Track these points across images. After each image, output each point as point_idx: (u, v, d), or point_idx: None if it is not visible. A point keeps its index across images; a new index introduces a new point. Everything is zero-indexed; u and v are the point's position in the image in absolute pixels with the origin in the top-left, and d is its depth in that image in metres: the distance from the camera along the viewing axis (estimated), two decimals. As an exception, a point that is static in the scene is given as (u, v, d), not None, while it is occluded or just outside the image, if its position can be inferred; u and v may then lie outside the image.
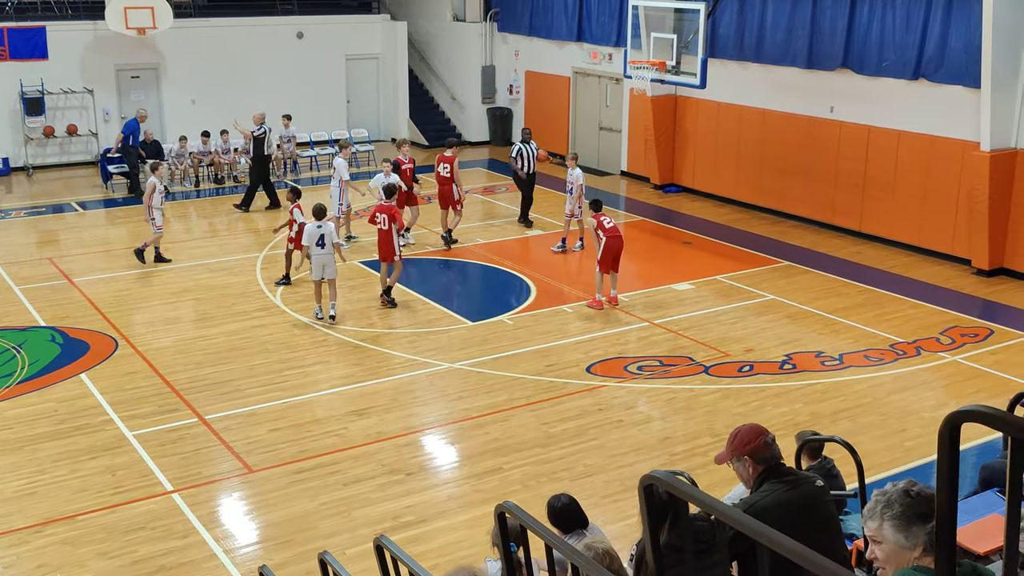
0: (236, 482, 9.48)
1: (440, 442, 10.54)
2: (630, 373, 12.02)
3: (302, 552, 8.24)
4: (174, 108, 23.13)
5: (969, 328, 13.48)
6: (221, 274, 15.61)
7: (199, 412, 10.86)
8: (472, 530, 8.54)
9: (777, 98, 18.86)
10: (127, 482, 9.38)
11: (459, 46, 26.39)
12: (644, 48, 18.04)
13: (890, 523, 2.84)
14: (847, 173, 17.75)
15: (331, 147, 24.08)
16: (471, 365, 12.21)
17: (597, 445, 10.18)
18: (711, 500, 2.40)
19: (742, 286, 15.20)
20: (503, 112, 26.03)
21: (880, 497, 2.89)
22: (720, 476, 9.22)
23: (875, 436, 10.32)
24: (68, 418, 10.69)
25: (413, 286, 14.83)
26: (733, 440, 4.52)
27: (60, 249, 16.99)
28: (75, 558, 8.16)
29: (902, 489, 2.85)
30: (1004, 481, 7.11)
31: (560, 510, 5.85)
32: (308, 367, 12.12)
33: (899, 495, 2.84)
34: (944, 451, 1.88)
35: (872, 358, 12.44)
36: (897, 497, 2.84)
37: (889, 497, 2.87)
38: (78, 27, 22.39)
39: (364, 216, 16.70)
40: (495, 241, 17.57)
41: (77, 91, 22.45)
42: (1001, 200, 15.35)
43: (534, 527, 3.08)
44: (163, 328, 13.35)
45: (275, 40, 24.46)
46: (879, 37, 16.84)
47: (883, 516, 2.86)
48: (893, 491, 2.89)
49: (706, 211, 19.70)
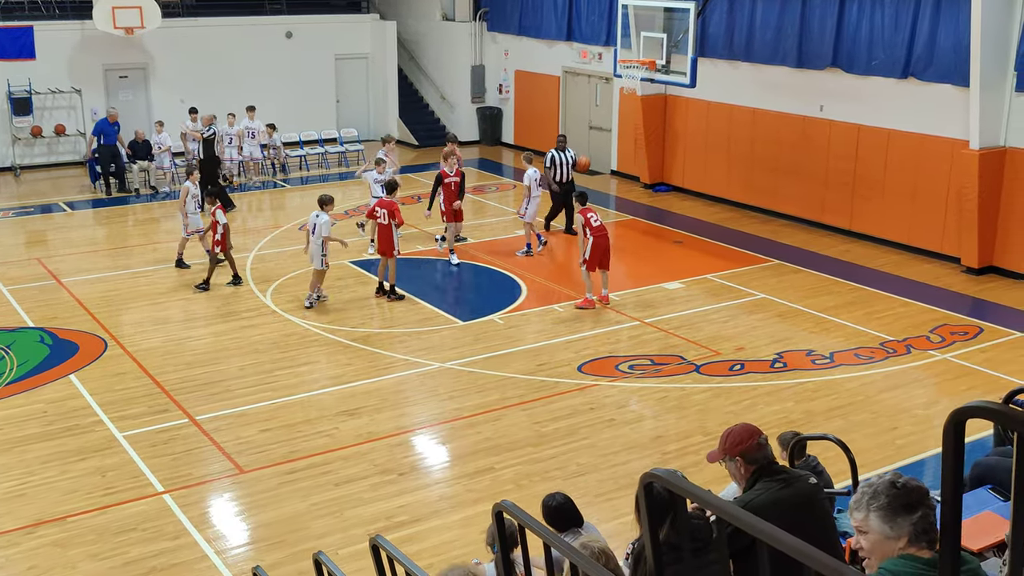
0: (227, 483, 9.44)
1: (432, 442, 10.52)
2: (621, 372, 12.01)
3: (294, 553, 8.21)
4: (163, 108, 23.02)
5: (959, 326, 13.52)
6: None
7: (189, 413, 10.82)
8: (465, 529, 8.52)
9: (767, 97, 18.89)
10: (117, 483, 9.33)
11: (448, 46, 26.37)
12: (634, 47, 18.06)
13: (876, 514, 2.91)
14: (837, 172, 17.79)
15: (320, 147, 24.06)
16: (462, 365, 12.19)
17: (589, 444, 10.17)
18: (712, 497, 2.39)
19: (733, 285, 15.21)
20: (493, 112, 26.01)
21: (866, 488, 2.97)
22: (712, 475, 9.21)
23: (867, 434, 10.33)
24: (57, 419, 10.63)
25: (404, 285, 14.79)
26: (725, 440, 4.52)
27: (48, 249, 16.90)
28: (66, 560, 8.11)
29: (888, 480, 2.94)
30: (996, 478, 7.15)
31: (555, 509, 5.85)
32: (298, 367, 12.08)
33: (885, 486, 2.92)
34: (949, 447, 1.87)
35: (863, 356, 12.46)
36: (883, 488, 2.93)
37: (875, 488, 2.95)
38: (66, 27, 22.29)
39: (364, 211, 16.59)
40: (486, 240, 17.55)
41: (65, 91, 22.36)
42: (990, 198, 15.40)
43: (532, 526, 3.06)
44: (152, 328, 13.29)
45: (264, 40, 24.40)
46: (868, 36, 16.89)
47: (869, 507, 2.93)
48: (879, 483, 2.97)
49: (696, 210, 19.72)
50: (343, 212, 19.31)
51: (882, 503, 2.90)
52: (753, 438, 4.45)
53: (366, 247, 16.53)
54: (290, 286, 14.89)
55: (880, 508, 2.90)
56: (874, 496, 2.93)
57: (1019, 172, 15.19)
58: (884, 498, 2.91)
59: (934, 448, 10.11)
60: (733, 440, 4.48)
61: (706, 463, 9.96)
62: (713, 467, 9.50)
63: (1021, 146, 15.18)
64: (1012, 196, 15.33)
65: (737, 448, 4.44)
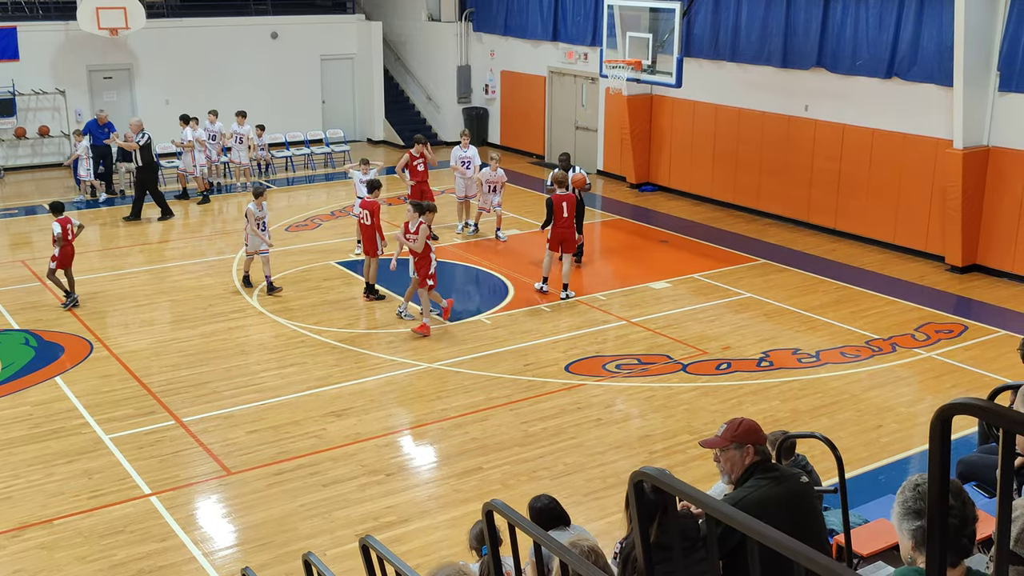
0: (215, 484, 9.42)
1: (419, 442, 10.52)
2: (608, 372, 12.04)
3: (282, 554, 8.20)
4: (148, 109, 22.89)
5: (944, 324, 13.60)
6: (196, 275, 15.51)
7: (176, 414, 10.78)
8: (453, 530, 8.53)
9: (752, 97, 18.95)
10: (104, 486, 9.30)
11: (434, 46, 26.35)
12: (619, 47, 18.09)
13: (895, 509, 2.96)
14: (822, 171, 17.87)
15: (306, 147, 24.01)
16: (449, 365, 12.19)
17: (576, 444, 10.19)
18: (702, 495, 2.40)
19: (719, 284, 15.26)
20: (479, 112, 26.01)
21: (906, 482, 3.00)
22: (699, 474, 9.26)
23: (852, 432, 10.39)
24: (43, 421, 10.58)
25: (389, 285, 14.78)
26: (737, 427, 4.53)
27: (33, 251, 16.81)
28: (53, 563, 8.07)
29: (915, 481, 2.94)
30: (980, 475, 7.20)
31: (540, 511, 5.85)
32: (285, 368, 12.06)
33: (911, 486, 2.95)
34: (936, 443, 1.89)
35: (848, 355, 12.52)
36: (909, 487, 2.95)
37: (907, 484, 2.98)
38: (49, 27, 22.18)
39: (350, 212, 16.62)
40: (472, 240, 17.55)
41: (49, 92, 22.25)
42: (974, 197, 15.50)
43: (523, 525, 3.07)
44: (138, 330, 13.24)
45: (249, 40, 24.33)
46: (853, 36, 16.97)
47: (896, 500, 2.98)
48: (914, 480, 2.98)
49: (682, 210, 19.77)
50: (329, 213, 19.30)
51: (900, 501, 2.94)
52: (761, 431, 4.53)
53: (348, 247, 16.54)
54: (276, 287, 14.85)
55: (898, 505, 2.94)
56: (901, 491, 2.97)
57: (1002, 171, 15.29)
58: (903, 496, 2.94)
59: (919, 446, 10.17)
60: (747, 427, 4.51)
61: (692, 462, 10.00)
62: (700, 466, 9.55)
63: (1004, 145, 15.28)
64: (995, 195, 15.43)
65: (751, 436, 4.48)
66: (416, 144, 17.19)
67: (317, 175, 23.06)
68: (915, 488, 2.92)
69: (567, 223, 14.23)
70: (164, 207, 18.70)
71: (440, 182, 20.23)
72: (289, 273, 15.48)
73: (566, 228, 14.26)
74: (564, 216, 14.12)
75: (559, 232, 14.20)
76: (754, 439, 4.46)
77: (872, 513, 7.10)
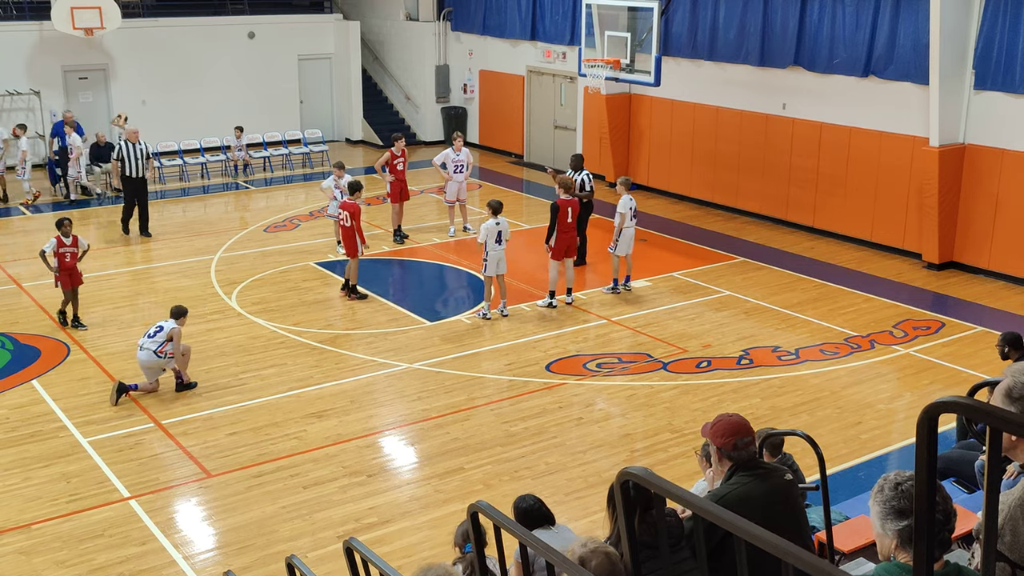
0: (194, 487, 9.36)
1: (401, 443, 10.49)
2: (589, 371, 12.04)
3: (263, 556, 8.16)
4: (124, 109, 22.64)
5: (921, 321, 13.69)
6: (174, 277, 15.41)
7: (155, 417, 10.71)
8: (435, 530, 8.51)
9: (730, 95, 19.02)
10: (82, 489, 9.22)
11: (413, 46, 26.29)
12: (598, 46, 18.11)
13: (875, 508, 2.94)
14: (800, 169, 17.95)
15: (284, 148, 23.90)
16: (430, 365, 12.17)
17: (558, 443, 10.19)
18: (685, 493, 2.40)
19: (698, 282, 15.30)
20: (457, 111, 25.97)
21: (882, 480, 2.98)
22: (681, 472, 9.28)
23: (832, 429, 10.44)
24: (20, 425, 10.49)
25: (369, 286, 14.74)
26: (714, 425, 4.52)
27: (8, 254, 16.65)
28: (31, 568, 8.00)
29: (895, 480, 2.92)
30: (959, 471, 7.24)
31: (526, 511, 5.85)
32: (265, 370, 12.00)
33: (891, 485, 2.92)
34: (923, 441, 1.89)
35: (828, 352, 12.58)
36: (889, 486, 2.92)
37: (885, 483, 2.96)
38: (23, 27, 21.98)
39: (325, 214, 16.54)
40: (451, 240, 17.52)
41: (23, 93, 22.04)
42: (950, 194, 15.61)
43: (508, 525, 3.06)
44: (116, 332, 13.14)
45: (226, 40, 24.20)
46: (830, 35, 17.06)
47: (875, 499, 2.95)
48: (892, 479, 2.96)
49: (661, 208, 19.80)
50: (307, 213, 19.23)
51: (880, 500, 2.92)
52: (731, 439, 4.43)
53: (327, 247, 16.48)
54: (255, 288, 14.78)
55: (878, 504, 2.93)
56: (880, 490, 2.95)
57: (978, 168, 15.41)
58: (883, 495, 2.92)
59: (898, 442, 10.24)
60: (717, 430, 4.48)
61: (674, 460, 10.05)
62: (681, 464, 9.58)
63: (979, 143, 15.39)
64: (971, 192, 15.54)
65: (718, 440, 4.46)
66: (396, 142, 17.19)
67: (295, 175, 22.95)
68: (897, 487, 2.91)
69: (572, 228, 14.13)
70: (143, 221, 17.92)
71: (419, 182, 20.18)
72: (268, 274, 15.40)
73: (571, 234, 14.14)
74: (568, 221, 14.01)
75: (564, 239, 13.99)
76: (721, 444, 4.45)
77: (852, 510, 7.14)
